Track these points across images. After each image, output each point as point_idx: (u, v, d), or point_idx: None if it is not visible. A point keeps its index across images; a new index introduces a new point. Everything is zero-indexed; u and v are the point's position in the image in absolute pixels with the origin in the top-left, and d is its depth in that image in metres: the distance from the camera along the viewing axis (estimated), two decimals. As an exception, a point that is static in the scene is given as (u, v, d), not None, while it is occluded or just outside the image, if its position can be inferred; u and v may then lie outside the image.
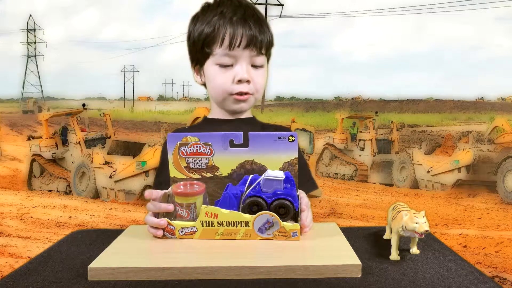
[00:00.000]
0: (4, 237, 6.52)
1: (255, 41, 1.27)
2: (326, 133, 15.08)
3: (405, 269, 0.94)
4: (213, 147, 1.04)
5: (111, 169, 9.52)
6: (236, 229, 1.02)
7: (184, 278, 0.89)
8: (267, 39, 1.31)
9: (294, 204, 1.02)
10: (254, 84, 1.31)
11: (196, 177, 1.06)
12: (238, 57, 1.28)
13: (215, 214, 1.02)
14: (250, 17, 1.28)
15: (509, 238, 6.57)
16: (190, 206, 1.04)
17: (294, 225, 1.01)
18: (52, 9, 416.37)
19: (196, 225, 1.03)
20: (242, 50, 1.27)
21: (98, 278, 0.90)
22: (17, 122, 27.59)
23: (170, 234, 1.05)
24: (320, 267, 0.90)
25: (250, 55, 1.28)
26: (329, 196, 10.09)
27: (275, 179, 1.02)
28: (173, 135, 1.07)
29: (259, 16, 1.31)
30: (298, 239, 1.01)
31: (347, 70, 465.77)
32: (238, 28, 1.26)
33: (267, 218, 1.01)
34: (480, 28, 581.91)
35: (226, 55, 1.28)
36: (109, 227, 6.89)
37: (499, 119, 13.28)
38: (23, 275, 0.93)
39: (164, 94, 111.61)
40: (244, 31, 1.26)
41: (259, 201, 1.02)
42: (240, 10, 1.28)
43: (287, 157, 1.03)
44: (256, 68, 1.31)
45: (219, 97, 1.34)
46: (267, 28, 1.31)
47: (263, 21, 1.31)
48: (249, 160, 1.04)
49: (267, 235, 1.01)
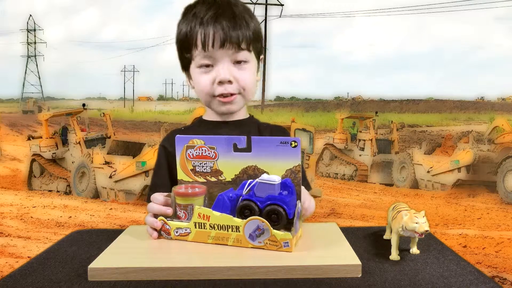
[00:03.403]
0: (4, 237, 6.51)
1: (230, 38, 1.20)
2: (326, 133, 15.08)
3: (405, 269, 0.94)
4: (217, 151, 1.04)
5: (111, 169, 9.52)
6: (228, 234, 0.99)
7: (183, 278, 0.89)
8: (246, 33, 1.23)
9: (287, 211, 0.97)
10: (239, 83, 1.25)
11: (201, 181, 1.06)
12: (217, 58, 1.23)
13: (207, 216, 1.00)
14: (223, 14, 1.22)
15: (509, 238, 6.57)
16: (187, 207, 1.04)
17: (286, 234, 0.95)
18: (52, 9, 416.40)
19: (189, 227, 1.02)
20: (218, 50, 1.22)
21: (98, 279, 0.90)
22: (17, 122, 27.58)
23: (166, 234, 1.05)
24: (320, 267, 0.90)
25: (229, 53, 1.22)
26: (329, 196, 10.08)
27: (269, 183, 0.98)
28: (181, 137, 1.07)
29: (234, 11, 1.23)
30: (290, 250, 0.95)
31: (347, 70, 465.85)
32: (209, 28, 1.20)
33: (258, 224, 0.96)
34: (480, 28, 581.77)
35: (204, 57, 1.23)
36: (109, 227, 6.89)
37: (499, 119, 13.28)
38: (23, 275, 0.93)
39: (164, 94, 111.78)
40: (216, 30, 1.20)
41: (251, 205, 0.99)
42: (212, 9, 1.22)
43: (290, 163, 1.00)
44: (240, 65, 1.25)
45: (204, 100, 1.30)
46: (245, 22, 1.23)
47: (240, 16, 1.23)
48: (251, 166, 1.03)
49: (258, 243, 0.97)
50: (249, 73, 1.27)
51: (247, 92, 1.29)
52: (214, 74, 1.24)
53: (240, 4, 1.28)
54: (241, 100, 1.30)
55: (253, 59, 1.29)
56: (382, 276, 0.90)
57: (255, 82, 1.32)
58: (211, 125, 1.35)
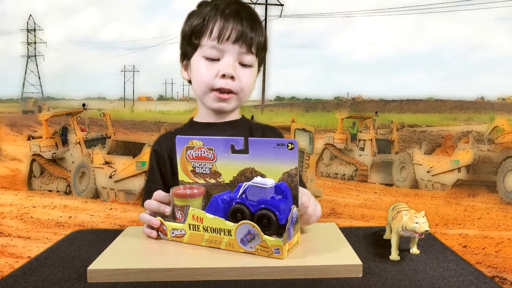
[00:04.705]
0: (4, 237, 6.51)
1: (245, 37, 1.22)
2: (326, 133, 15.08)
3: (405, 269, 0.94)
4: (215, 152, 1.03)
5: (111, 169, 9.52)
6: (220, 237, 0.98)
7: (183, 279, 0.89)
8: (259, 39, 1.25)
9: (278, 217, 0.94)
10: (240, 82, 1.25)
11: (201, 182, 1.06)
12: (226, 52, 1.23)
13: (200, 218, 0.99)
14: (244, 12, 1.24)
15: (509, 238, 6.57)
16: (184, 208, 1.03)
17: (276, 240, 0.92)
18: (52, 9, 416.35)
19: (184, 228, 1.02)
20: (231, 45, 1.22)
21: (98, 280, 0.90)
22: (17, 122, 27.57)
23: (163, 234, 1.05)
24: (321, 267, 0.90)
25: (239, 52, 1.23)
26: (329, 196, 10.09)
27: (261, 186, 0.96)
28: (181, 138, 1.06)
29: (254, 14, 1.27)
30: (281, 257, 0.92)
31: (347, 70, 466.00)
32: (229, 21, 1.22)
33: (249, 229, 0.94)
34: (480, 28, 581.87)
35: (214, 47, 1.23)
36: (109, 227, 6.89)
37: (499, 119, 13.28)
38: (23, 275, 0.93)
39: (164, 94, 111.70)
40: (235, 25, 1.21)
41: (243, 209, 0.97)
42: (234, 6, 1.25)
43: (287, 166, 0.98)
44: (244, 67, 1.25)
45: (200, 91, 1.29)
46: (260, 28, 1.27)
47: (257, 20, 1.27)
48: (249, 168, 1.01)
49: (249, 248, 0.95)
50: (249, 77, 1.28)
51: (244, 94, 1.29)
52: (219, 67, 1.24)
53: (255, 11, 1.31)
54: (236, 101, 1.29)
55: (255, 66, 1.30)
56: (382, 276, 0.90)
57: (252, 88, 1.32)
58: (201, 126, 1.34)
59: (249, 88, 1.29)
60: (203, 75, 1.26)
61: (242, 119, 1.39)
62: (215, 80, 1.24)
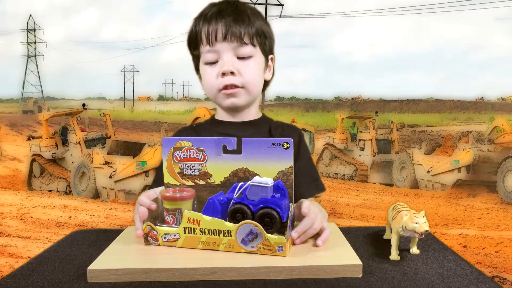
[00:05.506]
0: (4, 237, 6.51)
1: (232, 32, 1.24)
2: (326, 133, 15.07)
3: (405, 269, 0.94)
4: (206, 153, 1.02)
5: (111, 169, 9.52)
6: (219, 239, 0.96)
7: (183, 279, 0.89)
8: (249, 29, 1.26)
9: (281, 215, 0.95)
10: (242, 76, 1.26)
11: (189, 184, 1.04)
12: (220, 51, 1.25)
13: (197, 220, 0.97)
14: (225, 10, 1.26)
15: (509, 238, 6.57)
16: (175, 212, 1.01)
17: (280, 238, 0.93)
18: (52, 9, 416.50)
19: (178, 232, 0.99)
20: (222, 43, 1.25)
21: (98, 280, 0.90)
22: (17, 122, 27.57)
23: (154, 240, 1.01)
24: (321, 268, 0.90)
25: (232, 47, 1.25)
26: (329, 196, 10.08)
27: (261, 185, 0.96)
28: (168, 139, 1.05)
29: (237, 9, 1.28)
30: (284, 254, 0.93)
31: (347, 70, 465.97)
32: (212, 22, 1.25)
33: (251, 228, 0.94)
34: (480, 28, 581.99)
35: (209, 51, 1.26)
36: (109, 227, 6.89)
37: (499, 119, 13.27)
38: (23, 275, 0.93)
39: (164, 94, 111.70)
40: (219, 24, 1.24)
41: (243, 209, 0.96)
42: (217, 7, 1.28)
43: (282, 165, 0.98)
44: (243, 60, 1.26)
45: (211, 95, 1.32)
46: (247, 17, 1.27)
47: (242, 12, 1.27)
48: (242, 168, 1.00)
49: (250, 248, 0.94)
50: (253, 68, 1.28)
51: (251, 86, 1.29)
52: (219, 67, 1.26)
53: (246, 5, 1.31)
54: (245, 95, 1.29)
55: (258, 55, 1.29)
56: (382, 276, 0.90)
57: (260, 79, 1.31)
58: (224, 124, 1.35)
59: (254, 78, 1.29)
60: (208, 79, 1.29)
61: (262, 118, 1.39)
62: (218, 80, 1.27)
